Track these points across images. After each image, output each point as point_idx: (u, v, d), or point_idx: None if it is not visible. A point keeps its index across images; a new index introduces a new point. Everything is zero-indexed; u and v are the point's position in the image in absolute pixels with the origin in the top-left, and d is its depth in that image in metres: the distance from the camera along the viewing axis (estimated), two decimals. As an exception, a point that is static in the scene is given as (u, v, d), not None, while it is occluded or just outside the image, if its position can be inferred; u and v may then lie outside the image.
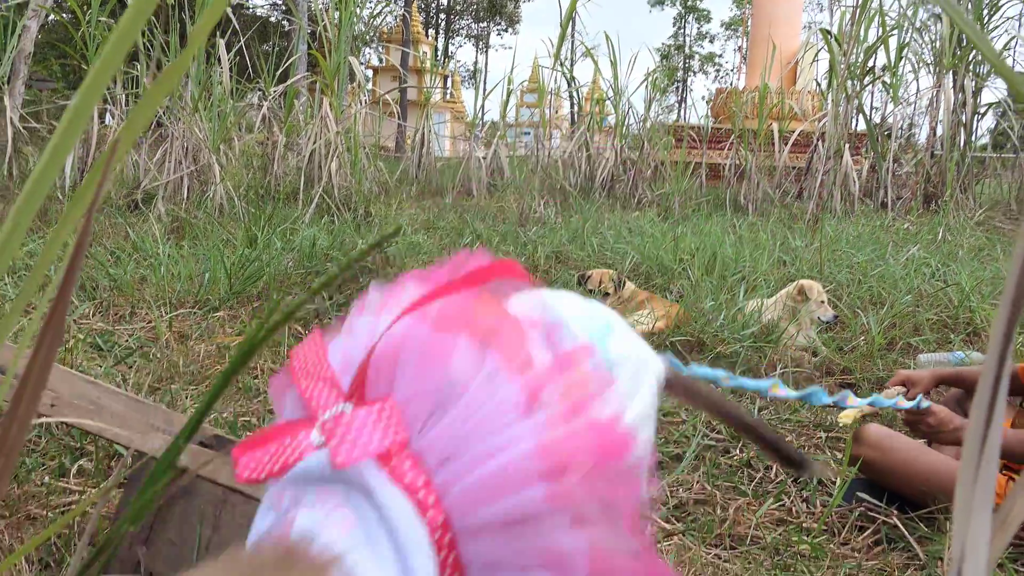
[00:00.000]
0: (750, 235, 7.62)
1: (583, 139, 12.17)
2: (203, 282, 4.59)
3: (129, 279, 4.62)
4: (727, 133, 14.00)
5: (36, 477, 2.36)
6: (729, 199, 10.99)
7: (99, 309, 4.31)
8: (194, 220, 6.80)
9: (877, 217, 9.85)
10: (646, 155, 11.78)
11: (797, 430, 3.24)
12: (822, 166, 10.16)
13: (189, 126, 8.07)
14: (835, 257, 6.48)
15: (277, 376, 0.93)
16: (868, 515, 2.57)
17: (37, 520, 2.20)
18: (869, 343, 4.24)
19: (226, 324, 4.11)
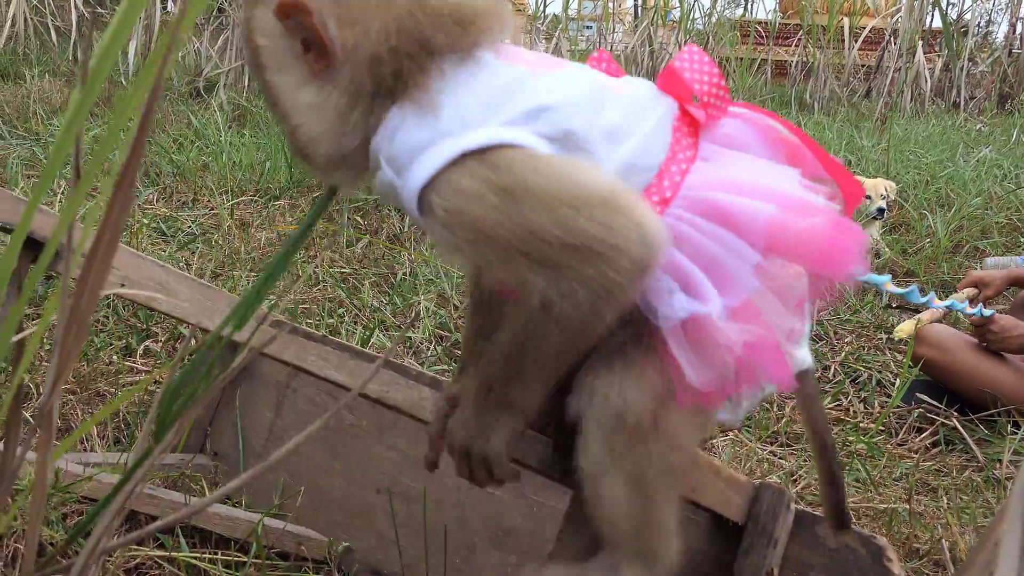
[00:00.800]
0: (816, 134, 7.43)
1: (646, 33, 11.87)
2: (264, 171, 4.61)
3: (192, 166, 4.66)
4: (795, 29, 13.57)
5: (104, 356, 2.43)
6: (795, 97, 10.70)
7: (163, 195, 4.36)
8: (255, 109, 6.80)
9: (948, 117, 9.55)
10: (711, 51, 11.47)
11: (857, 331, 3.21)
12: (893, 64, 9.83)
13: (250, 13, 8.01)
14: (903, 158, 6.31)
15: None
16: (927, 416, 2.55)
17: (106, 397, 2.27)
18: (935, 245, 4.15)
19: (286, 213, 4.14)
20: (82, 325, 0.75)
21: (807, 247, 0.93)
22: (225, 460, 2.01)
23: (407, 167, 0.93)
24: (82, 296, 0.72)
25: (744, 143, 1.01)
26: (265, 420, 1.99)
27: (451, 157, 0.90)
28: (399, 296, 3.14)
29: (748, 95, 10.41)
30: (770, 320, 0.93)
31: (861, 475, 2.22)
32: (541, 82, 0.96)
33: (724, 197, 0.94)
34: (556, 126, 0.93)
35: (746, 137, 1.01)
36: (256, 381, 2.02)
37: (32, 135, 5.49)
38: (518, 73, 0.97)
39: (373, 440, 1.83)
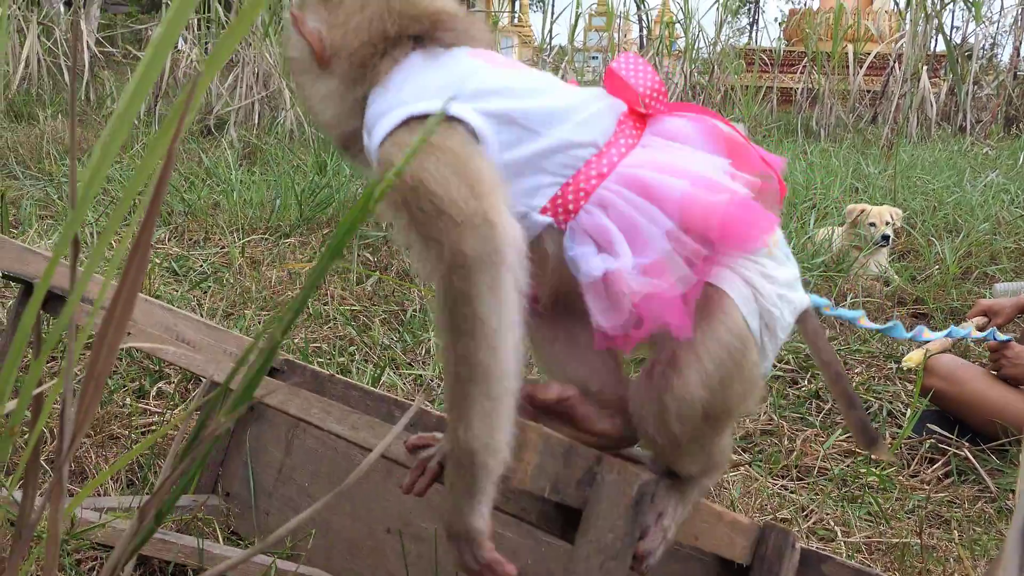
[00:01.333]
0: (822, 161, 7.46)
1: (652, 63, 11.95)
2: (274, 208, 4.65)
3: (203, 204, 4.70)
4: (800, 56, 13.64)
5: (118, 398, 2.45)
6: (801, 124, 10.74)
7: (174, 234, 4.40)
8: (265, 146, 6.87)
9: (955, 142, 9.56)
10: (716, 79, 11.54)
11: (867, 361, 3.21)
12: (898, 89, 9.86)
13: (260, 51, 8.10)
14: (910, 183, 6.32)
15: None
16: (938, 447, 2.55)
17: (119, 440, 2.28)
18: (943, 272, 4.16)
19: (297, 250, 4.17)
20: (100, 377, 0.77)
21: (712, 219, 1.06)
22: (236, 500, 2.02)
23: (372, 130, 1.11)
24: (99, 355, 0.74)
25: (686, 137, 1.15)
26: (275, 460, 2.01)
27: (401, 119, 1.08)
28: (409, 333, 3.16)
29: (754, 123, 10.46)
30: (675, 275, 1.06)
31: (873, 508, 2.21)
32: (495, 73, 1.14)
33: (649, 174, 1.09)
34: (496, 106, 1.09)
35: (689, 132, 1.16)
36: (265, 421, 2.04)
37: (45, 175, 5.55)
38: (477, 65, 1.14)
39: (383, 480, 1.84)
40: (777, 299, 1.12)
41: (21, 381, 1.72)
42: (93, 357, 0.74)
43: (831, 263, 4.23)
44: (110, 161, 0.73)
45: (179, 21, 0.70)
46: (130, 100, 0.73)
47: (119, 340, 0.74)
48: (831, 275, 4.08)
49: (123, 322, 0.73)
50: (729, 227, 1.07)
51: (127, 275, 0.71)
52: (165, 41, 0.70)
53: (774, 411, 2.73)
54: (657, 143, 1.14)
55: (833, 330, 3.48)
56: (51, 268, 0.79)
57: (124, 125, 0.73)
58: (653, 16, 14.09)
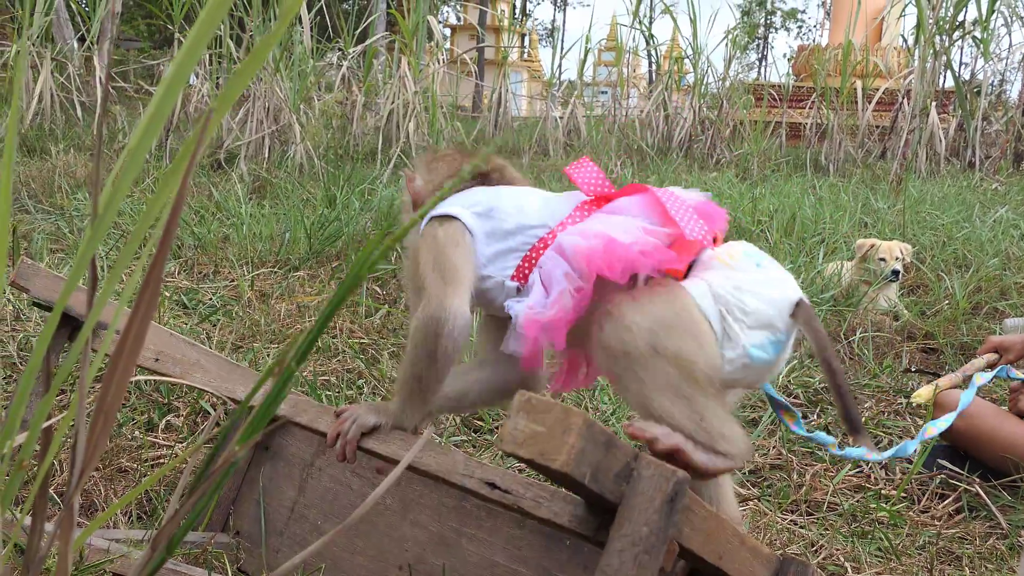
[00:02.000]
0: (831, 196, 7.47)
1: (661, 98, 12.02)
2: (284, 242, 4.68)
3: (212, 238, 4.72)
4: (808, 91, 13.69)
5: (127, 431, 2.45)
6: (810, 159, 10.77)
7: (184, 267, 4.42)
8: (275, 180, 6.91)
9: (964, 177, 9.58)
10: (725, 114, 11.59)
11: (877, 396, 3.20)
12: (907, 125, 9.88)
13: (270, 86, 8.17)
14: (919, 219, 6.33)
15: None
16: (949, 483, 2.53)
17: (128, 472, 2.28)
18: (953, 307, 4.14)
19: (306, 283, 4.18)
20: (109, 416, 0.77)
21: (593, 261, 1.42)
22: (247, 538, 2.01)
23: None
24: (109, 387, 0.75)
25: (626, 209, 1.52)
26: (288, 499, 2.00)
27: (429, 217, 1.57)
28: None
29: (762, 157, 10.48)
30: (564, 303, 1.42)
31: (884, 544, 2.20)
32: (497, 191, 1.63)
33: (566, 238, 1.47)
34: (481, 208, 1.57)
35: (630, 205, 1.53)
36: (280, 460, 2.04)
37: (57, 209, 5.59)
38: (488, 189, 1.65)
39: (397, 518, 1.84)
40: (733, 289, 1.39)
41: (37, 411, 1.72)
42: (103, 390, 0.75)
43: (840, 298, 4.22)
44: (123, 194, 0.74)
45: (191, 60, 0.71)
46: (142, 136, 0.74)
47: (130, 373, 0.74)
48: (840, 309, 4.07)
49: (133, 355, 0.74)
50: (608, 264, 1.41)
51: (138, 308, 0.72)
52: (177, 79, 0.71)
53: (783, 445, 2.72)
54: (598, 216, 1.52)
55: (843, 363, 3.47)
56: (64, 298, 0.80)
57: (137, 160, 0.74)
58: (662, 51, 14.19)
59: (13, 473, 0.82)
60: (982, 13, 10.51)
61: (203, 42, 0.73)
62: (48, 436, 0.91)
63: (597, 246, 1.43)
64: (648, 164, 9.95)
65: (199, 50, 0.72)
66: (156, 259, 0.69)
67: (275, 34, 0.67)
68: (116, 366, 0.74)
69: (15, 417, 0.79)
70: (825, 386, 3.18)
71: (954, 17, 10.16)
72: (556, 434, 1.11)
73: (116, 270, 0.73)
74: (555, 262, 1.46)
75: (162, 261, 0.69)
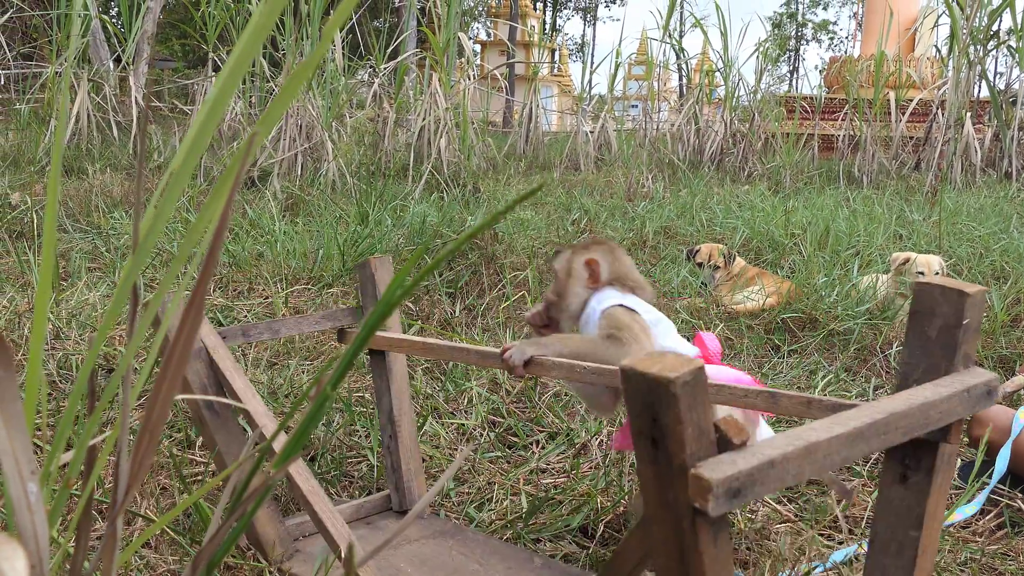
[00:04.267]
0: (865, 208, 7.41)
1: (692, 112, 12.00)
2: (317, 259, 4.71)
3: (247, 255, 4.77)
4: (841, 103, 13.63)
5: (164, 448, 2.47)
6: (843, 171, 10.70)
7: (219, 285, 4.46)
8: (308, 197, 6.96)
9: (1000, 188, 9.47)
10: (756, 127, 11.55)
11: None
12: (941, 135, 9.79)
13: (303, 104, 8.24)
14: (955, 230, 6.26)
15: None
16: (991, 498, 2.50)
17: (167, 490, 2.30)
18: (992, 320, 4.09)
19: (339, 300, 4.20)
20: (154, 435, 0.78)
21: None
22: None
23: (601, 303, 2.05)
24: (154, 409, 0.76)
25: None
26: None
27: (618, 303, 2.03)
28: (452, 382, 3.17)
29: (795, 170, 10.43)
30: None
31: (924, 560, 2.17)
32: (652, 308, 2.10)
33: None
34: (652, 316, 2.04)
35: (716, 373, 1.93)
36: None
37: (94, 228, 5.66)
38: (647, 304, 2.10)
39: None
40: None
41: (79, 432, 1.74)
42: (148, 410, 0.76)
43: (876, 311, 4.19)
44: (164, 220, 0.75)
45: (232, 83, 0.72)
46: (185, 158, 0.75)
47: (174, 392, 0.75)
48: (876, 323, 4.04)
49: (178, 374, 0.75)
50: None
51: (182, 330, 0.73)
52: (217, 104, 0.72)
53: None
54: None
55: (880, 377, 3.44)
56: (108, 323, 0.81)
57: (180, 181, 0.75)
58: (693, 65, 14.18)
59: (60, 491, 0.83)
60: (1017, 22, 10.41)
61: (243, 70, 0.75)
62: (93, 455, 0.93)
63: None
64: (679, 177, 9.93)
65: (239, 75, 0.74)
66: (199, 282, 0.70)
67: (313, 58, 0.68)
68: (160, 386, 0.75)
69: (61, 437, 0.81)
70: (863, 398, 3.16)
71: (988, 26, 10.09)
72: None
73: (159, 293, 0.74)
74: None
75: (205, 283, 0.71)
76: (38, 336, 0.81)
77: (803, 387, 3.32)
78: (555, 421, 2.93)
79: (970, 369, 1.23)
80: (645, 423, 0.98)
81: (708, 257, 4.93)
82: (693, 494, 0.94)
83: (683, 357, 1.00)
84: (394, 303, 0.74)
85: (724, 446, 1.00)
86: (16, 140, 9.18)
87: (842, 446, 1.03)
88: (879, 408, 1.08)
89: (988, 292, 4.40)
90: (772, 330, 4.07)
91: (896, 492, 1.26)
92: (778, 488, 1.01)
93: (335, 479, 2.52)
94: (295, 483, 1.87)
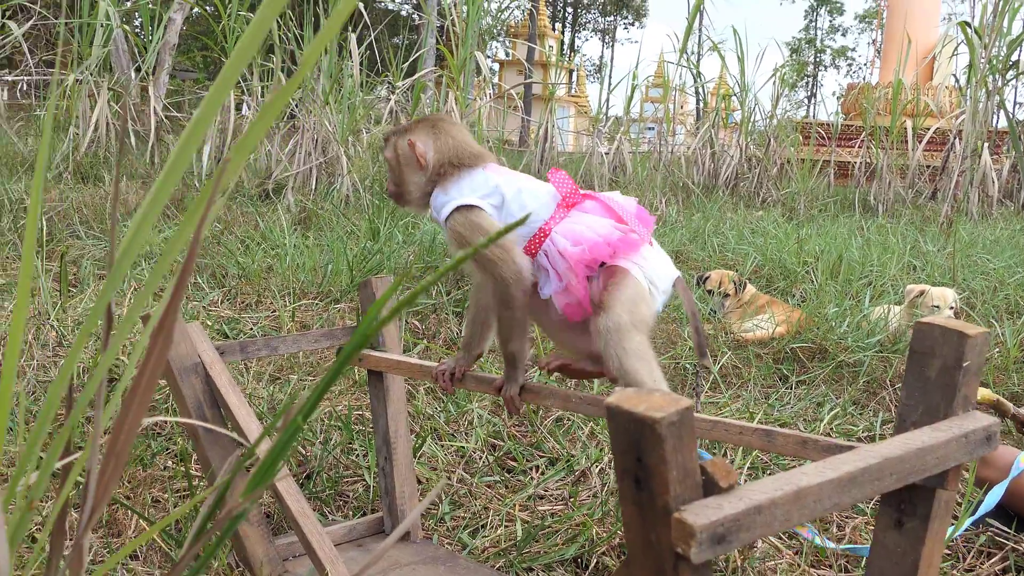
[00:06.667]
0: (879, 238, 7.37)
1: (708, 135, 11.98)
2: (326, 273, 4.70)
3: (256, 268, 4.76)
4: (858, 130, 13.58)
5: (160, 461, 2.46)
6: (858, 199, 10.65)
7: (227, 296, 4.45)
8: (321, 211, 6.96)
9: (1017, 220, 9.40)
10: (772, 152, 11.52)
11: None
12: (958, 165, 9.74)
13: (319, 119, 8.26)
14: (970, 263, 6.21)
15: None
16: (995, 540, 2.46)
17: (160, 503, 2.29)
18: (1004, 355, 4.05)
19: (346, 316, 4.19)
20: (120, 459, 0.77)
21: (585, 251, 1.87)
22: None
23: (439, 211, 1.98)
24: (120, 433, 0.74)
25: (592, 209, 1.96)
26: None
27: (453, 207, 1.94)
28: (454, 403, 3.14)
29: (809, 196, 10.39)
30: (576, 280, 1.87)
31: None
32: (498, 179, 1.99)
33: (557, 236, 1.90)
34: (497, 198, 1.96)
35: (593, 207, 1.97)
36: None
37: (107, 236, 5.67)
38: (489, 176, 2.00)
39: None
40: (651, 268, 1.90)
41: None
42: (114, 434, 0.74)
43: (887, 343, 4.15)
44: (141, 242, 0.73)
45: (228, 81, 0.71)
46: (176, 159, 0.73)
47: (141, 414, 0.74)
48: (887, 355, 4.00)
49: (146, 397, 0.73)
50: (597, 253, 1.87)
51: (150, 355, 0.71)
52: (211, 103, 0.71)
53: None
54: (574, 215, 1.95)
55: (889, 411, 3.41)
56: (79, 342, 0.79)
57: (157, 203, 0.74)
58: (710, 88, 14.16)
59: (23, 513, 0.81)
60: (1036, 54, 10.36)
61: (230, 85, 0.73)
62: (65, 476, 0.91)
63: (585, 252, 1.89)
64: (693, 201, 9.90)
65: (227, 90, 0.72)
66: (168, 308, 0.68)
67: (289, 87, 0.66)
68: (128, 409, 0.73)
69: (27, 458, 0.79)
70: (868, 433, 3.13)
71: (1007, 56, 10.04)
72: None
73: (131, 315, 0.72)
74: (558, 258, 1.90)
75: (176, 309, 0.69)
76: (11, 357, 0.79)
77: (809, 419, 3.28)
78: (556, 446, 2.91)
79: (970, 413, 1.20)
80: (629, 462, 0.96)
81: (718, 284, 4.90)
82: (676, 538, 0.92)
83: (670, 396, 0.97)
84: (370, 333, 0.72)
85: (710, 489, 0.98)
86: (35, 146, 9.22)
87: (834, 492, 1.00)
88: (873, 452, 1.06)
89: (989, 332, 4.36)
90: (781, 359, 4.03)
91: (891, 537, 1.23)
92: (766, 535, 0.98)
93: (330, 498, 2.49)
94: (284, 503, 1.85)
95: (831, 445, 1.32)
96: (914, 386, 1.22)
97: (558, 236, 1.92)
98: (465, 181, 2.00)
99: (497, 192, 1.97)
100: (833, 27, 66.32)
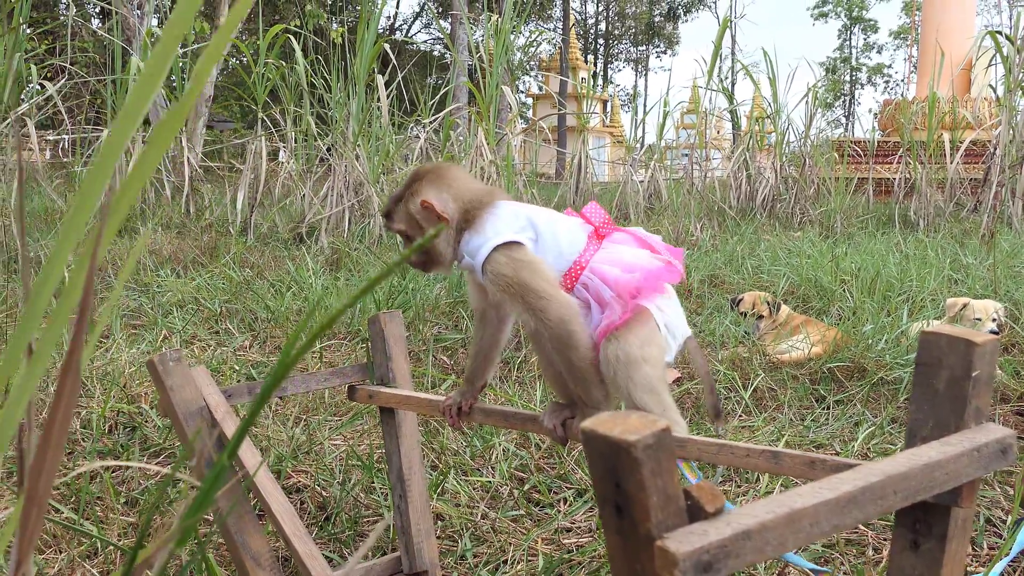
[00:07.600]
0: (917, 252, 7.22)
1: (743, 158, 11.88)
2: (355, 312, 4.68)
3: (285, 311, 4.75)
4: (895, 146, 13.41)
5: (176, 509, 2.42)
6: (898, 215, 10.47)
7: (256, 340, 4.45)
8: (353, 252, 6.97)
9: (1062, 230, 9.18)
10: (807, 172, 11.39)
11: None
12: (996, 177, 9.55)
13: (351, 161, 8.31)
14: (1012, 274, 6.06)
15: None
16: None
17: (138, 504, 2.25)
18: (1050, 366, 3.92)
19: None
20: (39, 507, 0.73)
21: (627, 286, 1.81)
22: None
23: (476, 254, 1.86)
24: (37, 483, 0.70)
25: (624, 241, 1.93)
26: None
27: (492, 247, 1.84)
28: (479, 438, 3.09)
29: (847, 215, 10.24)
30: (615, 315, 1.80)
31: (969, 626, 2.03)
32: (525, 211, 1.92)
33: (601, 266, 1.85)
34: (531, 231, 1.89)
35: (624, 239, 1.94)
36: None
37: (141, 287, 5.72)
38: (516, 209, 1.92)
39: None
40: (669, 316, 1.86)
41: None
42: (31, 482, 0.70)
43: (926, 358, 4.03)
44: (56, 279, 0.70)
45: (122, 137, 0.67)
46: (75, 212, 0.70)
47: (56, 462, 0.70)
48: (926, 371, 3.87)
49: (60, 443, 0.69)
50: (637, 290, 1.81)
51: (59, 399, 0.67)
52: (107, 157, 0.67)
53: (861, 518, 2.55)
54: (608, 247, 1.91)
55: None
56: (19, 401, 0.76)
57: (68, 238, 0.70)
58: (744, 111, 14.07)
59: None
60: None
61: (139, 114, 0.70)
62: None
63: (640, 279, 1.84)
64: (729, 225, 9.79)
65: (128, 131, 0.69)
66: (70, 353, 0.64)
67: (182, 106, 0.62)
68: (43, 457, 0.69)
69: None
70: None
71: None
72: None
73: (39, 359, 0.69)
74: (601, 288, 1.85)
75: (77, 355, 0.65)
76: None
77: (846, 440, 3.18)
78: (584, 477, 2.84)
79: (983, 426, 1.12)
80: (608, 489, 0.90)
81: (751, 305, 4.80)
82: (660, 568, 0.86)
83: (647, 418, 0.92)
84: (289, 364, 0.68)
85: (696, 514, 0.92)
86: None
87: (831, 513, 0.94)
88: (875, 470, 0.99)
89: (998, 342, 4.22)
90: (818, 380, 3.93)
91: (907, 559, 1.15)
92: (757, 561, 0.92)
93: (349, 539, 2.44)
94: (293, 547, 1.81)
95: (840, 464, 1.24)
96: (922, 399, 1.15)
97: (602, 266, 1.86)
98: (494, 219, 1.89)
99: (530, 225, 1.90)
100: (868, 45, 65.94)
